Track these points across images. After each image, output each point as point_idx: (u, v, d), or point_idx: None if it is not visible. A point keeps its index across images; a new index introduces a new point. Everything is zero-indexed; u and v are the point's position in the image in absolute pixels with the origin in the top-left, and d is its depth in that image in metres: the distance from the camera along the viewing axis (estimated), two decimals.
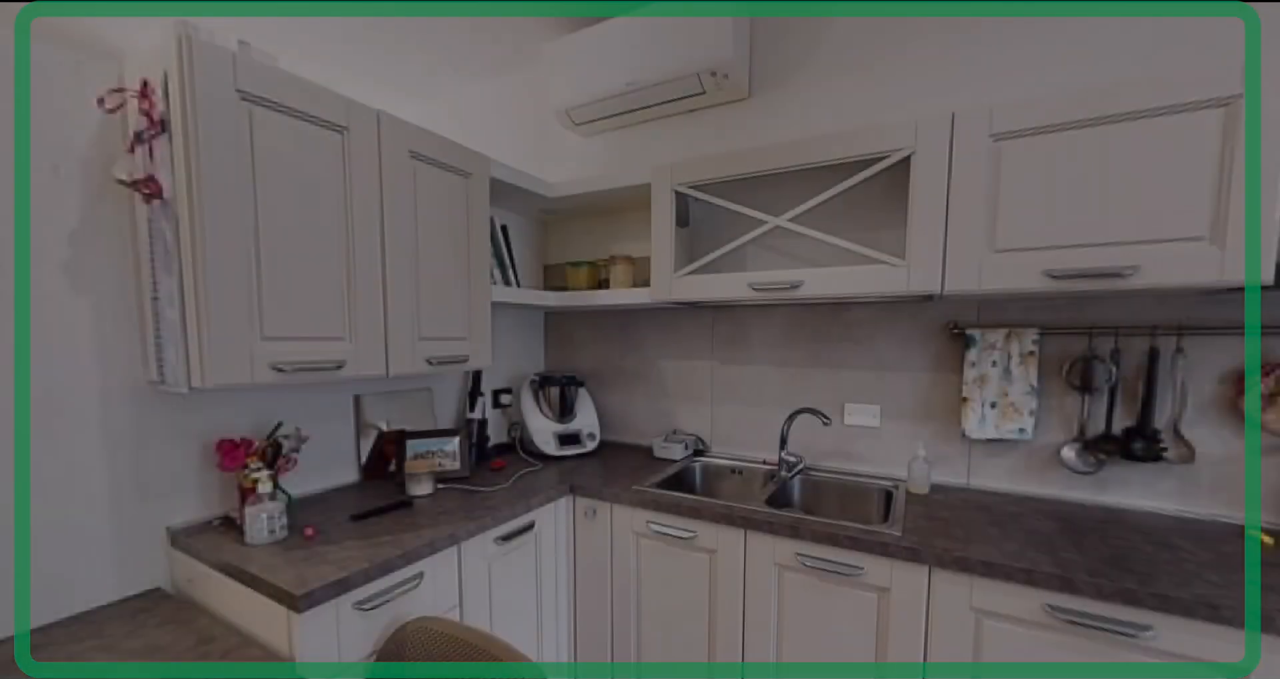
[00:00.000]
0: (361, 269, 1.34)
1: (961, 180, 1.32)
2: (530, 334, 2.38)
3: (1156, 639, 1.00)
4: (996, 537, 1.25)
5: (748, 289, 1.60)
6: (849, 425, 1.80)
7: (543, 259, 2.42)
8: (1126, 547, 1.19)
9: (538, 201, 2.05)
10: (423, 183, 1.49)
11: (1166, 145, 1.14)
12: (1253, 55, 1.28)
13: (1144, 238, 1.17)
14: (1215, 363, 1.36)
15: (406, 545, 1.22)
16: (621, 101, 1.94)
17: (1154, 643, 1.01)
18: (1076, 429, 1.50)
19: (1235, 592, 0.99)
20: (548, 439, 1.99)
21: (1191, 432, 1.38)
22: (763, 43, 1.86)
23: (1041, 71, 1.48)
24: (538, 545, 1.61)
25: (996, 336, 1.53)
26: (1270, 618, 0.92)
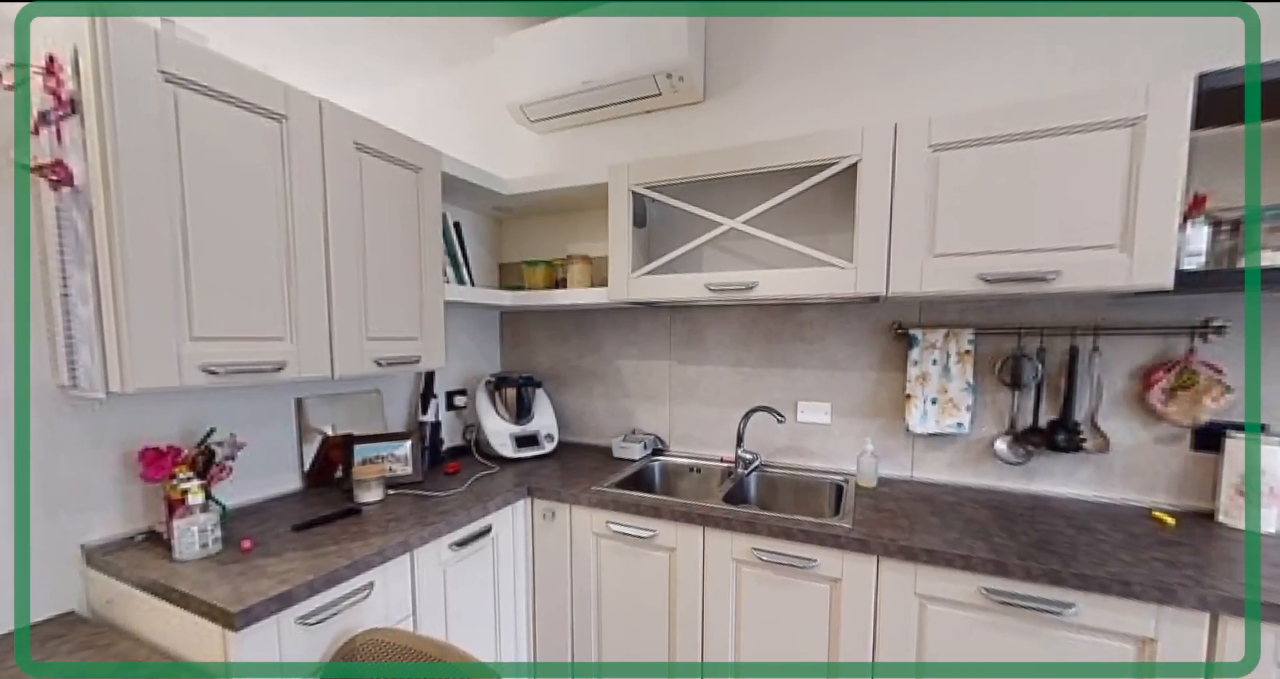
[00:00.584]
0: (303, 265, 1.27)
1: (904, 187, 1.38)
2: (486, 334, 2.33)
3: (1078, 615, 1.09)
4: (938, 526, 1.32)
5: (704, 290, 1.62)
6: (802, 423, 1.86)
7: (498, 257, 2.37)
8: (1051, 531, 1.28)
9: (492, 199, 2.01)
10: (369, 176, 1.43)
11: (1083, 160, 1.23)
12: (1253, 55, 1.32)
13: (1065, 245, 1.26)
14: (1126, 360, 1.49)
15: (355, 555, 1.16)
16: (578, 100, 1.94)
17: (1076, 619, 1.09)
18: (1007, 423, 1.60)
19: (1144, 569, 1.08)
20: (504, 441, 1.95)
21: (1106, 423, 1.50)
22: (717, 47, 1.89)
23: (977, 87, 1.57)
24: (495, 550, 1.57)
25: (936, 336, 1.62)
26: (1171, 590, 1.01)
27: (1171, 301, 1.43)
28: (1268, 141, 1.33)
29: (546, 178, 1.90)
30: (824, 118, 1.76)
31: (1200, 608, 1.00)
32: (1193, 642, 1.02)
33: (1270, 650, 0.97)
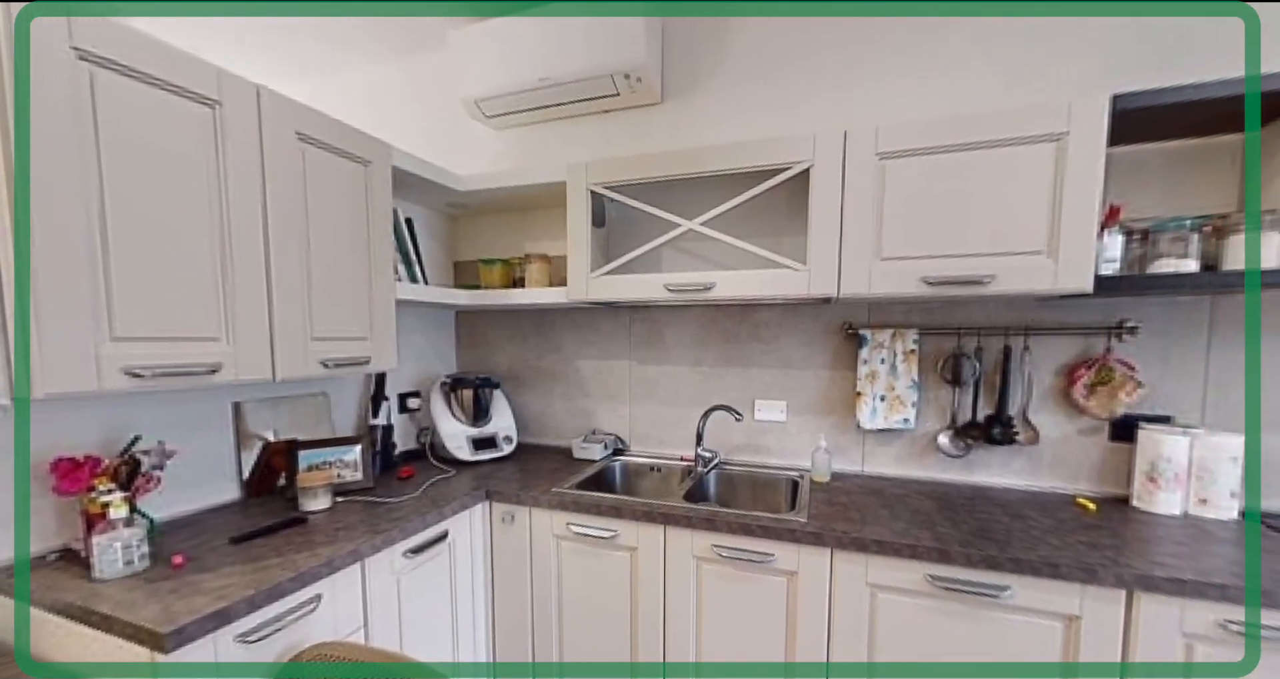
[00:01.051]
0: (241, 261, 1.20)
1: (853, 193, 1.44)
2: (440, 334, 2.26)
3: (1013, 597, 1.16)
4: (887, 517, 1.38)
5: (663, 290, 1.64)
6: (759, 421, 1.90)
7: (453, 255, 2.31)
8: (989, 519, 1.36)
9: (446, 195, 1.96)
10: (313, 168, 1.37)
11: (1014, 171, 1.31)
12: (1253, 55, 1.37)
13: (998, 250, 1.34)
14: (1052, 359, 1.60)
15: (300, 566, 1.11)
16: (535, 97, 1.91)
17: (1011, 600, 1.16)
18: (949, 418, 1.70)
19: (1069, 552, 1.17)
20: (461, 444, 1.90)
21: (1036, 417, 1.61)
22: (674, 49, 1.91)
23: (921, 99, 1.65)
24: (452, 555, 1.53)
25: (884, 336, 1.69)
26: (1093, 570, 1.10)
27: (1091, 304, 1.55)
28: (1167, 160, 1.46)
29: (503, 175, 1.87)
30: (778, 123, 1.81)
31: (1118, 585, 1.09)
32: (1111, 617, 1.11)
33: (1175, 621, 1.07)
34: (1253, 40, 1.39)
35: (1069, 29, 1.51)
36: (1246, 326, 1.43)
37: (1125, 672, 1.11)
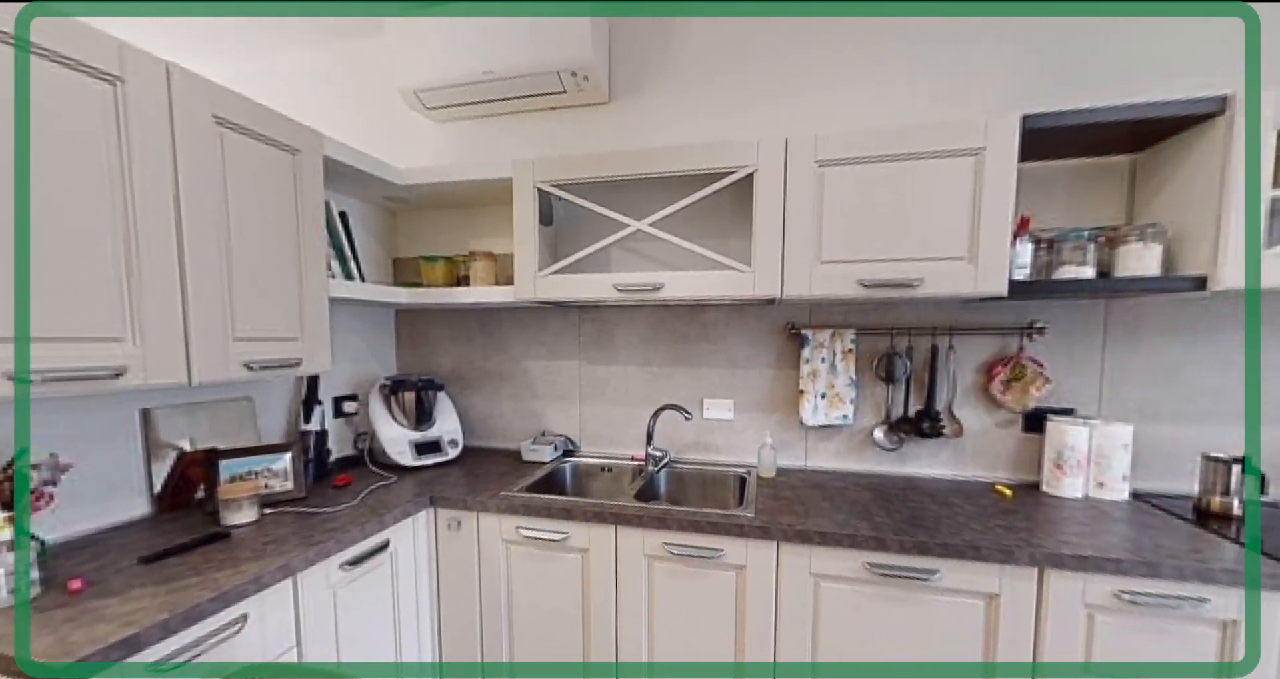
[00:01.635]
0: (149, 253, 1.10)
1: (795, 198, 1.49)
2: (379, 334, 2.16)
3: (941, 580, 1.24)
4: (829, 509, 1.44)
5: (613, 290, 1.64)
6: (708, 419, 1.94)
7: (392, 252, 2.21)
8: (920, 508, 1.46)
9: (385, 189, 1.87)
10: (234, 155, 1.27)
11: (939, 182, 1.40)
12: (1253, 55, 1.41)
13: (927, 256, 1.43)
14: (973, 357, 1.73)
15: (223, 585, 1.02)
16: (479, 90, 1.86)
17: (940, 583, 1.25)
18: (884, 414, 1.80)
19: (990, 535, 1.26)
20: (403, 449, 1.82)
21: (961, 411, 1.74)
22: (621, 50, 1.91)
23: (858, 110, 1.74)
24: (394, 565, 1.46)
25: (824, 336, 1.77)
26: (1010, 551, 1.19)
27: (1006, 306, 1.68)
28: (1069, 176, 1.60)
29: (445, 169, 1.80)
30: (723, 128, 1.85)
31: (1031, 564, 1.19)
32: (1026, 593, 1.21)
33: (1079, 594, 1.18)
34: (1253, 40, 1.44)
35: (986, 54, 1.63)
36: (1246, 328, 1.53)
37: (1038, 645, 1.21)
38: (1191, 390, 1.58)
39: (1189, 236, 1.37)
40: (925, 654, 1.28)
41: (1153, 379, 1.60)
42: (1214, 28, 1.49)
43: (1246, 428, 1.55)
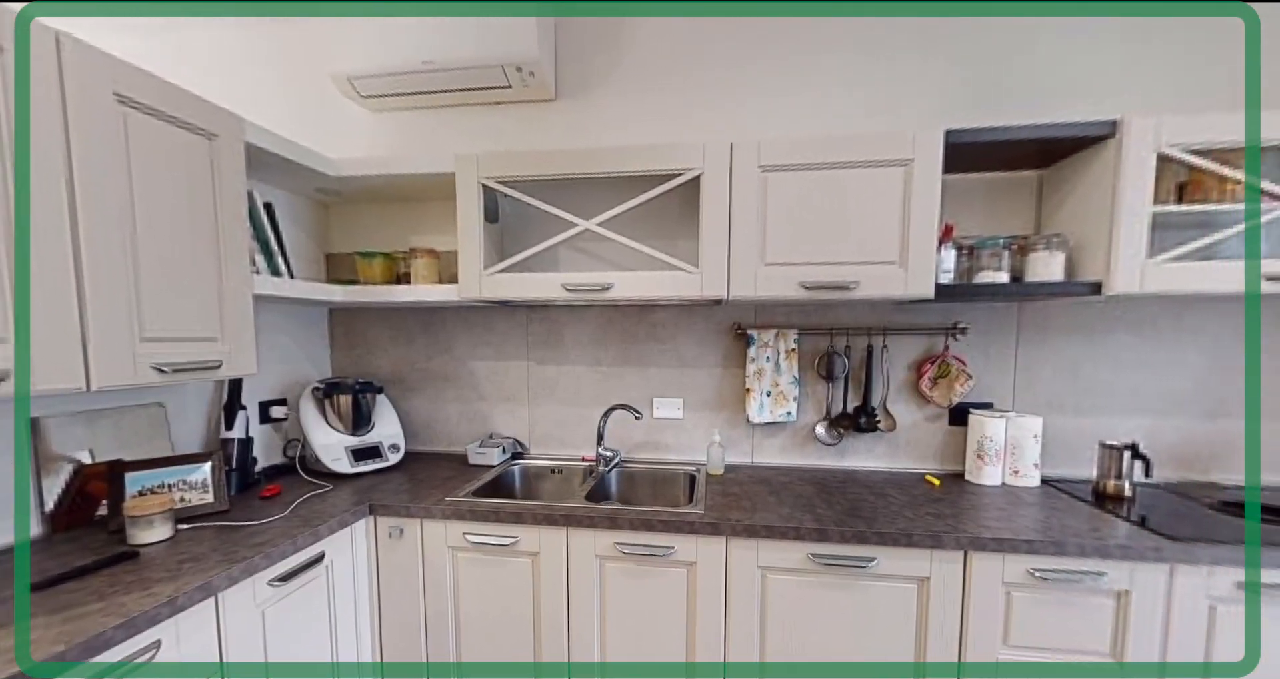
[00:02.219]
0: (36, 243, 0.98)
1: (740, 201, 1.52)
2: (311, 334, 2.03)
3: (878, 566, 1.32)
4: (774, 504, 1.49)
5: (561, 290, 1.62)
6: (657, 418, 1.96)
7: (325, 247, 2.08)
8: (859, 499, 1.53)
9: (316, 180, 1.76)
10: (140, 138, 1.15)
11: (873, 190, 1.48)
12: (1253, 55, 1.44)
13: (863, 260, 1.51)
14: (905, 355, 1.84)
15: (131, 610, 0.93)
16: (418, 80, 1.79)
17: (877, 569, 1.32)
18: (825, 410, 1.88)
19: (921, 522, 1.35)
20: (339, 455, 1.72)
21: (894, 407, 1.84)
22: (568, 48, 1.90)
23: (799, 118, 1.81)
24: (331, 578, 1.38)
25: (769, 336, 1.82)
26: (939, 537, 1.28)
27: (933, 308, 1.80)
28: (987, 188, 1.74)
29: (383, 161, 1.72)
30: (670, 130, 1.88)
31: (957, 548, 1.28)
32: (953, 575, 1.30)
33: (998, 573, 1.28)
34: (1253, 40, 1.49)
35: (917, 71, 1.74)
36: (1246, 331, 1.65)
37: (964, 628, 1.31)
38: (1090, 385, 1.75)
39: (1087, 246, 1.51)
40: (865, 637, 1.34)
41: (1058, 375, 1.76)
42: (1112, 57, 1.65)
43: (1247, 426, 1.67)
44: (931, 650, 1.32)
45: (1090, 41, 1.66)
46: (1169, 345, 1.71)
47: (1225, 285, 1.37)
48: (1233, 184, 1.39)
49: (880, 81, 1.77)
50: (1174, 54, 1.62)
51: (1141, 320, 1.71)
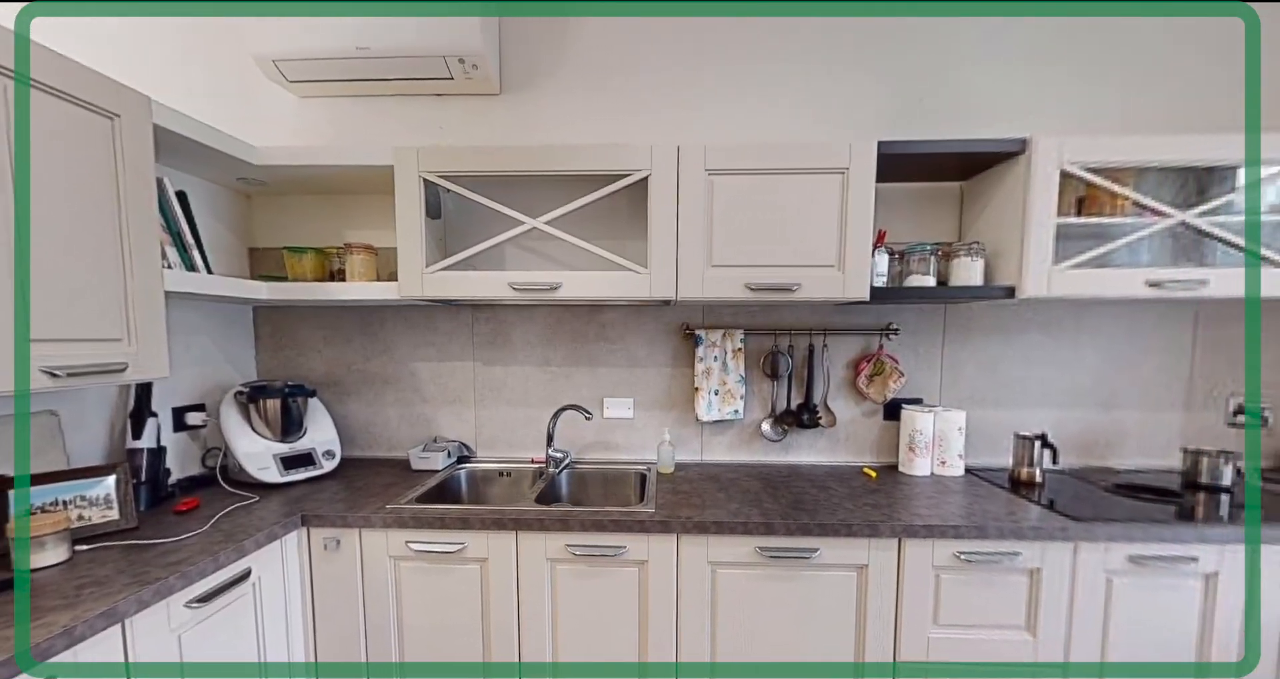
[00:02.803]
0: None
1: (687, 203, 1.54)
2: (234, 335, 1.88)
3: (821, 557, 1.37)
4: (723, 500, 1.52)
5: (508, 289, 1.58)
6: (608, 418, 1.96)
7: (248, 241, 1.94)
8: (802, 493, 1.59)
9: (237, 168, 1.63)
10: (24, 112, 1.03)
11: (814, 196, 1.53)
12: (1253, 55, 1.45)
13: (804, 263, 1.56)
14: (843, 354, 1.93)
15: (17, 645, 0.83)
16: (351, 66, 1.69)
17: (820, 560, 1.38)
18: (770, 408, 1.94)
19: (860, 513, 1.42)
20: (266, 464, 1.60)
21: (834, 404, 1.93)
22: (513, 42, 1.86)
23: (746, 123, 1.86)
24: (258, 596, 1.29)
25: (716, 336, 1.86)
26: (875, 526, 1.35)
27: (868, 310, 1.90)
28: (916, 197, 1.85)
29: (314, 151, 1.62)
30: (617, 130, 1.88)
31: (892, 536, 1.36)
32: (889, 561, 1.37)
33: (928, 558, 1.36)
34: (1253, 40, 1.52)
35: (856, 84, 1.83)
36: (1246, 334, 1.77)
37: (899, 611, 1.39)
38: (1006, 380, 1.91)
39: (1003, 253, 1.64)
40: (809, 624, 1.40)
41: (979, 372, 1.91)
42: (1021, 81, 1.80)
43: (1247, 424, 1.79)
44: (870, 632, 1.38)
45: (1003, 67, 1.81)
46: (1071, 344, 1.89)
47: (1117, 290, 1.53)
48: (1122, 200, 1.55)
49: (820, 93, 1.84)
50: (1073, 80, 1.80)
51: (1049, 321, 1.88)
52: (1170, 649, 1.36)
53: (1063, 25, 1.78)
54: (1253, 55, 1.51)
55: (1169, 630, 1.36)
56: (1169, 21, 1.74)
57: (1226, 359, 1.86)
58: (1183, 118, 1.77)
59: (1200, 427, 1.88)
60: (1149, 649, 1.36)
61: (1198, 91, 1.76)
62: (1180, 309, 1.85)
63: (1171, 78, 1.77)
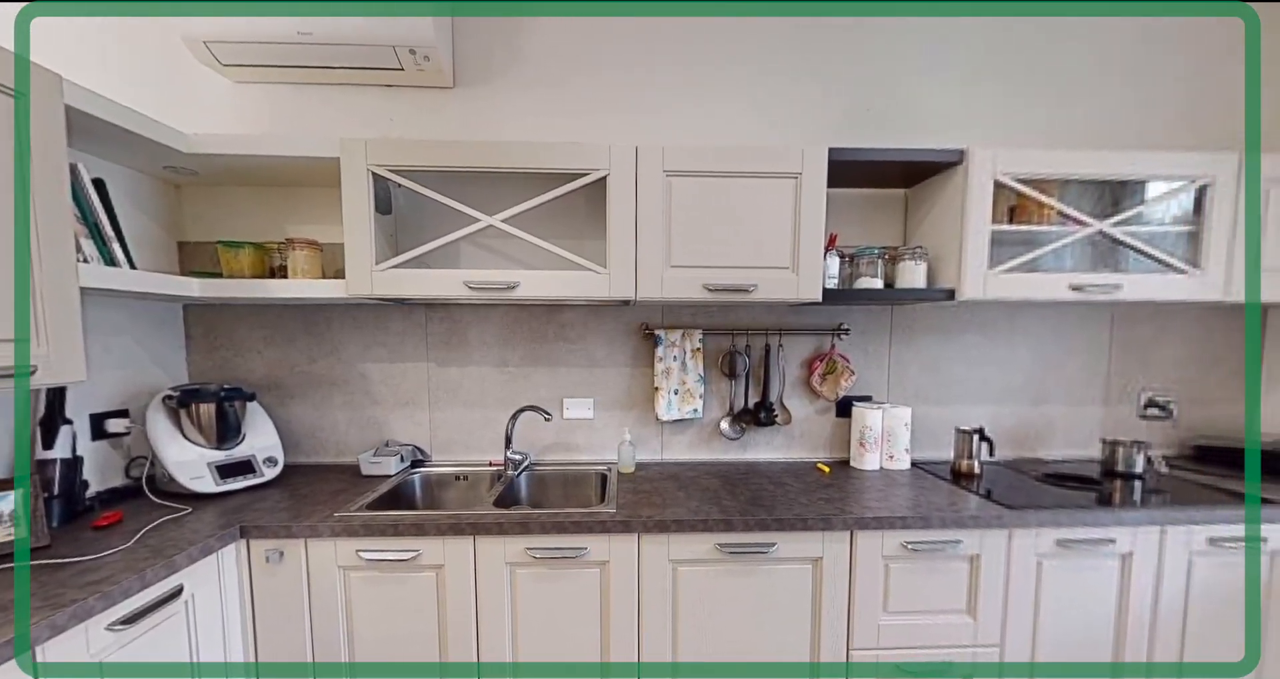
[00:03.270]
0: None
1: (646, 204, 1.55)
2: (161, 335, 1.75)
3: (778, 551, 1.41)
4: (683, 498, 1.54)
5: (464, 288, 1.55)
6: (568, 419, 1.94)
7: (177, 235, 1.81)
8: (760, 489, 1.63)
9: (164, 155, 1.52)
10: None
11: (769, 199, 1.57)
12: (1252, 55, 1.45)
13: (760, 264, 1.60)
14: (798, 354, 1.99)
15: None
16: (292, 52, 1.60)
17: (777, 554, 1.41)
18: (728, 406, 1.97)
19: (814, 508, 1.46)
20: (200, 473, 1.50)
21: (789, 402, 1.99)
22: (467, 35, 1.82)
23: (704, 126, 1.88)
24: (191, 615, 1.20)
25: (676, 336, 1.88)
26: (829, 519, 1.40)
27: (821, 310, 1.97)
28: (864, 202, 1.93)
29: (253, 140, 1.52)
30: (574, 129, 1.86)
31: (844, 528, 1.41)
32: (842, 553, 1.42)
33: (878, 548, 1.42)
34: (1253, 40, 1.53)
35: (806, 93, 1.89)
36: (1246, 337, 1.84)
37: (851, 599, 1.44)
38: (948, 378, 2.01)
39: (943, 257, 1.73)
40: (767, 616, 1.43)
41: (923, 370, 2.01)
42: (958, 96, 1.91)
43: (1247, 419, 1.89)
44: (825, 622, 1.43)
45: (943, 82, 1.90)
46: (1006, 344, 2.01)
47: (1044, 293, 1.64)
48: (1048, 209, 1.67)
49: (773, 100, 1.89)
50: (1006, 97, 1.92)
51: (985, 322, 2.00)
52: (1093, 624, 1.48)
53: (995, 45, 1.90)
54: (1253, 55, 1.49)
55: (1092, 607, 1.47)
56: (1089, 44, 1.89)
57: (1138, 358, 2.03)
58: (1098, 135, 1.93)
59: (1117, 419, 2.05)
60: (1075, 625, 1.47)
61: (1111, 111, 1.92)
62: (1099, 311, 2.01)
63: (1090, 98, 1.92)
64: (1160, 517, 1.44)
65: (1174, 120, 1.91)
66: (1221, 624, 1.47)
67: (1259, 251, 1.58)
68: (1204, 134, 1.90)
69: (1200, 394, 2.04)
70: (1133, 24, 1.88)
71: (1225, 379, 2.03)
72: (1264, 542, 1.45)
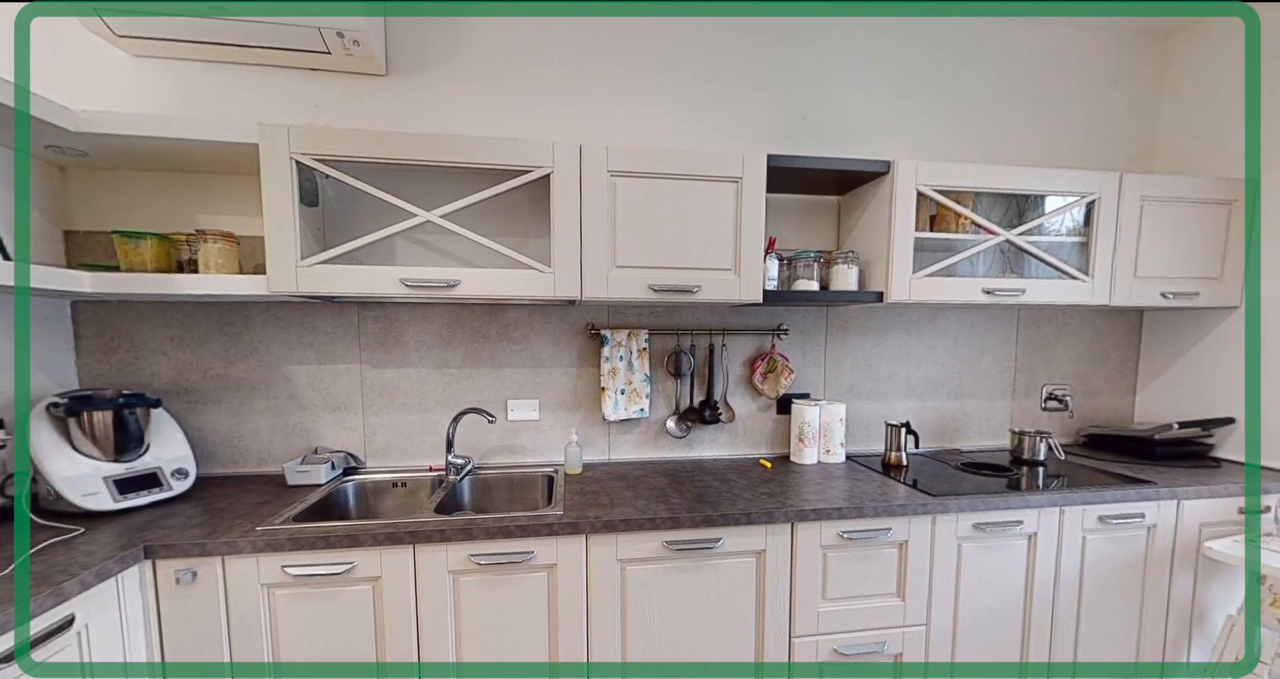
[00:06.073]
0: None
1: (591, 203, 1.54)
2: (45, 335, 1.56)
3: (724, 546, 1.44)
4: (631, 498, 1.54)
5: (400, 285, 1.48)
6: (513, 420, 1.90)
7: (64, 223, 1.62)
8: (706, 486, 1.66)
9: (46, 134, 1.35)
10: None
11: (711, 202, 1.60)
12: (1252, 55, 1.44)
13: (704, 266, 1.63)
14: (740, 353, 2.05)
15: None
16: (200, 27, 1.47)
17: (723, 549, 1.44)
18: (674, 405, 2.00)
19: (758, 502, 1.51)
20: (94, 488, 1.34)
21: (733, 400, 2.04)
22: (401, 21, 1.74)
23: (646, 127, 1.89)
24: (85, 647, 1.07)
25: (622, 336, 1.88)
26: (771, 513, 1.45)
27: (762, 311, 2.03)
28: (801, 208, 2.01)
29: (156, 121, 1.38)
30: (514, 124, 1.82)
31: (785, 521, 1.46)
32: (783, 545, 1.47)
33: (816, 539, 1.49)
34: (1252, 40, 1.52)
35: (745, 100, 1.95)
36: (1246, 339, 1.90)
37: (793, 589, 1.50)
38: (877, 375, 2.14)
39: (873, 262, 1.84)
40: (714, 610, 1.46)
41: (856, 368, 2.12)
42: (886, 110, 2.03)
43: (1247, 417, 1.95)
44: (769, 613, 1.47)
45: (870, 97, 2.02)
46: (928, 343, 2.16)
47: (962, 296, 1.77)
48: (964, 218, 1.81)
49: (714, 105, 1.93)
50: (926, 113, 2.06)
51: (910, 323, 2.14)
52: (1005, 598, 1.61)
53: (918, 65, 2.03)
54: (1253, 55, 1.48)
55: (1003, 583, 1.61)
56: (995, 70, 2.07)
57: (1040, 355, 2.25)
58: (1005, 152, 2.11)
59: (1024, 411, 2.26)
60: (990, 600, 1.60)
61: (1016, 130, 2.11)
62: (1008, 312, 2.20)
63: (998, 119, 2.10)
64: (1059, 499, 1.60)
65: (1066, 141, 2.13)
66: (1110, 591, 1.66)
67: (1259, 256, 1.70)
68: (1091, 155, 2.14)
69: (1090, 387, 2.28)
70: (1032, 51, 2.08)
71: (1110, 375, 2.29)
72: (1142, 518, 1.64)
